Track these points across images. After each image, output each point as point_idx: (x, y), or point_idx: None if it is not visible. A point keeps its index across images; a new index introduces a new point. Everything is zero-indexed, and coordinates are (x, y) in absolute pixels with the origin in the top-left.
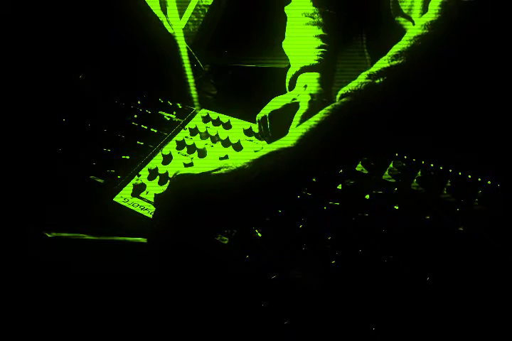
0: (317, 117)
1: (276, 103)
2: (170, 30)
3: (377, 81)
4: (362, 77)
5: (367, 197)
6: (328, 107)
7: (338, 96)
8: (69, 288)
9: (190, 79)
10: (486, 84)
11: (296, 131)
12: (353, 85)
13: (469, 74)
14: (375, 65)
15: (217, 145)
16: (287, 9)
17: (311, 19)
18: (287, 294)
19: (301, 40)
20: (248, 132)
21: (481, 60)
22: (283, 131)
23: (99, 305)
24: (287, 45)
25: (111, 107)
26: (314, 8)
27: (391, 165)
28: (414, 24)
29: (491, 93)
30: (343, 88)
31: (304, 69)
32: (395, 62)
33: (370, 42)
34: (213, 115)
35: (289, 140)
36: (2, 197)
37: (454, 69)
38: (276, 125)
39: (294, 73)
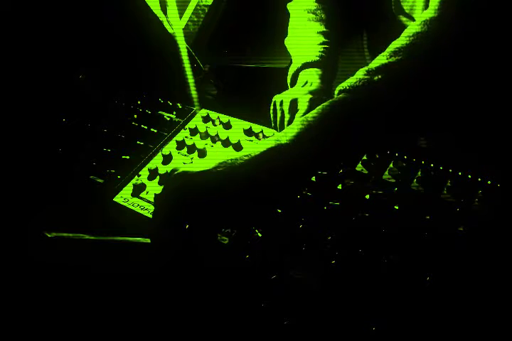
0: (314, 113)
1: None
2: (170, 30)
3: (375, 78)
4: (360, 74)
5: (367, 197)
6: (326, 103)
7: (336, 92)
8: (69, 288)
9: (190, 79)
10: (485, 82)
11: (292, 127)
12: (351, 81)
13: (468, 72)
14: (373, 62)
15: (217, 145)
16: (290, 6)
17: (314, 15)
18: (287, 294)
19: (304, 36)
20: (248, 132)
21: (480, 58)
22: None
23: (99, 305)
24: (289, 42)
25: (111, 107)
26: (317, 4)
27: (391, 165)
28: None
29: (491, 91)
30: (341, 84)
31: (306, 66)
32: (393, 59)
33: (371, 40)
34: (213, 115)
35: (285, 136)
36: (2, 197)
37: (453, 67)
38: (282, 118)
39: (295, 69)
